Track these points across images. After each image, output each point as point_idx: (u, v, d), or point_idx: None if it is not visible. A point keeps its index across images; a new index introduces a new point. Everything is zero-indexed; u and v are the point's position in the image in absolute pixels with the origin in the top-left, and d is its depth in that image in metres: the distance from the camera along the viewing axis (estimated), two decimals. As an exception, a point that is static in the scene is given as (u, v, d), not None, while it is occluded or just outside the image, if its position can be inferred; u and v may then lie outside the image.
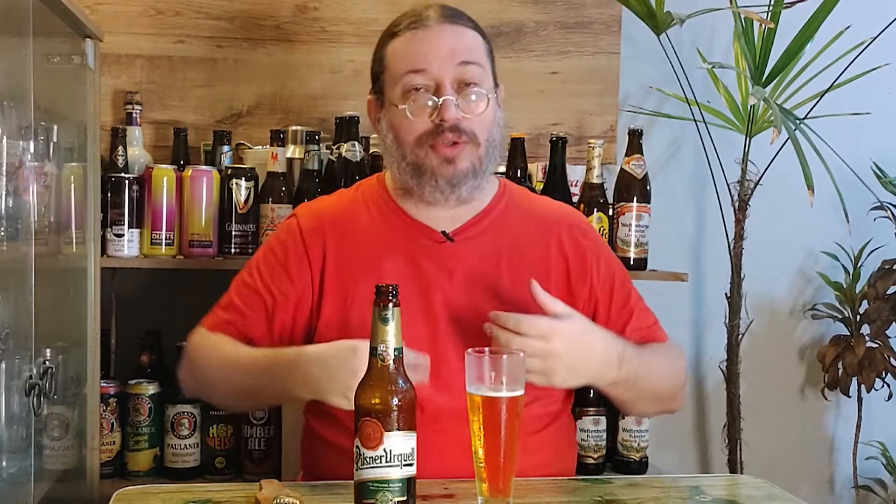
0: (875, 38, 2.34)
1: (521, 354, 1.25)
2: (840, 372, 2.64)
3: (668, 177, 2.65)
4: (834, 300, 2.74)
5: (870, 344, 2.64)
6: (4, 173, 1.47)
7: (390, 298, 1.15)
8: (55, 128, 1.77)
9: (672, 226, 2.63)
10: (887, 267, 2.63)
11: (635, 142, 2.24)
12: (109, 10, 2.31)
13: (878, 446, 2.71)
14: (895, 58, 2.49)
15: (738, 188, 2.43)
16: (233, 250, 2.11)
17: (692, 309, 2.72)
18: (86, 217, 1.94)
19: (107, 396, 2.08)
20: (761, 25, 2.32)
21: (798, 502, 1.39)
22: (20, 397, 1.49)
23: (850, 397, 2.67)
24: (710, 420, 2.73)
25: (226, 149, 2.23)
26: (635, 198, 2.22)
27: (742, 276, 2.46)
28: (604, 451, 2.25)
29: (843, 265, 2.71)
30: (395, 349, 1.15)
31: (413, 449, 1.15)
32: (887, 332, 2.64)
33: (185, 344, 1.60)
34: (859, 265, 2.68)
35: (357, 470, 1.15)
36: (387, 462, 1.13)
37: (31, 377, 1.48)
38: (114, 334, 2.24)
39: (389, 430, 1.13)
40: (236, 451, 2.16)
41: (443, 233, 1.52)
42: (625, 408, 1.64)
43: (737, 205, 2.44)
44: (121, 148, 2.08)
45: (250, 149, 2.26)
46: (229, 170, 2.13)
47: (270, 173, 2.11)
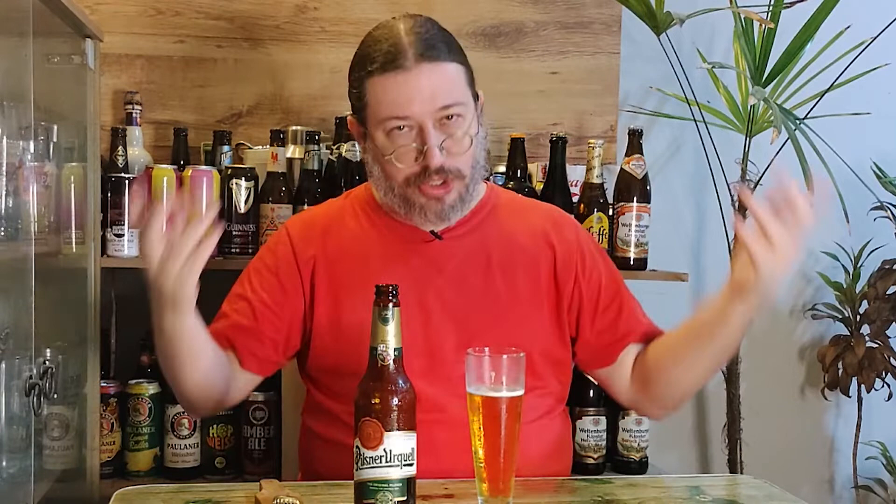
0: (875, 38, 2.34)
1: (522, 354, 1.25)
2: (840, 372, 2.64)
3: (668, 177, 2.65)
4: (834, 300, 2.74)
5: (870, 344, 2.64)
6: (4, 173, 1.47)
7: (390, 298, 1.15)
8: (55, 128, 1.77)
9: (672, 226, 2.63)
10: (887, 267, 2.63)
11: (635, 142, 2.24)
12: (109, 10, 2.31)
13: (878, 446, 2.71)
14: (895, 58, 2.49)
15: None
16: (233, 250, 2.10)
17: (692, 309, 2.71)
18: (86, 217, 1.94)
19: (107, 396, 2.08)
20: (761, 25, 2.32)
21: (798, 502, 1.39)
22: (20, 397, 1.50)
23: (850, 397, 2.67)
24: (710, 420, 2.73)
25: (226, 149, 2.23)
26: (635, 198, 2.22)
27: (742, 276, 2.45)
28: (604, 451, 2.25)
29: (843, 265, 2.71)
30: (395, 349, 1.15)
31: (413, 449, 1.15)
32: (887, 332, 2.64)
33: None
34: (859, 265, 2.68)
35: (357, 470, 1.15)
36: (387, 462, 1.13)
37: (31, 377, 1.48)
38: (114, 334, 2.24)
39: (389, 430, 1.13)
40: (236, 451, 2.16)
41: (431, 232, 1.54)
42: (696, 367, 1.56)
43: (737, 205, 2.44)
44: (121, 148, 2.07)
45: (250, 149, 2.26)
46: (229, 170, 2.12)
47: (270, 173, 2.11)
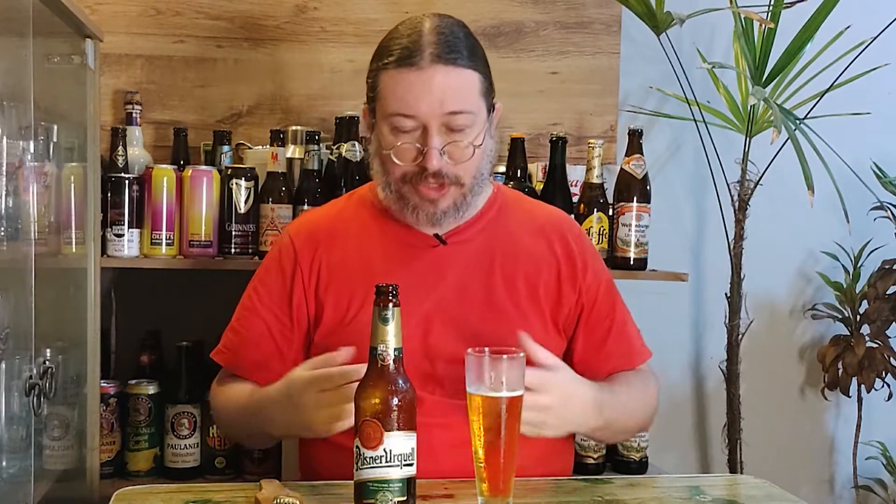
0: (875, 38, 2.34)
1: (522, 354, 1.25)
2: (840, 372, 2.64)
3: (668, 177, 2.65)
4: (834, 300, 2.74)
5: (870, 344, 2.64)
6: (4, 173, 1.47)
7: (390, 298, 1.15)
8: (55, 128, 1.77)
9: (672, 226, 2.63)
10: (887, 267, 2.63)
11: (635, 142, 2.24)
12: (109, 10, 2.31)
13: (878, 446, 2.71)
14: (895, 58, 2.49)
15: (738, 188, 2.43)
16: (233, 250, 2.10)
17: (692, 309, 2.72)
18: (86, 217, 1.94)
19: (107, 396, 2.08)
20: (761, 25, 2.32)
21: (798, 502, 1.39)
22: (20, 397, 1.49)
23: (850, 397, 2.67)
24: (710, 420, 2.73)
25: (226, 149, 2.23)
26: (635, 198, 2.22)
27: (742, 276, 2.46)
28: (604, 451, 2.25)
29: (843, 265, 2.71)
30: (395, 349, 1.16)
31: (413, 449, 1.15)
32: (887, 332, 2.64)
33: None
34: (859, 265, 2.68)
35: (357, 470, 1.15)
36: (387, 462, 1.13)
37: (31, 377, 1.48)
38: (114, 334, 2.24)
39: (389, 430, 1.13)
40: (236, 451, 2.16)
41: (435, 235, 1.54)
42: (598, 440, 1.68)
43: (737, 205, 2.44)
44: (121, 148, 2.07)
45: (250, 149, 2.26)
46: (229, 170, 2.12)
47: (270, 173, 2.11)
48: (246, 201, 2.11)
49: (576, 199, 2.24)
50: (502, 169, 2.21)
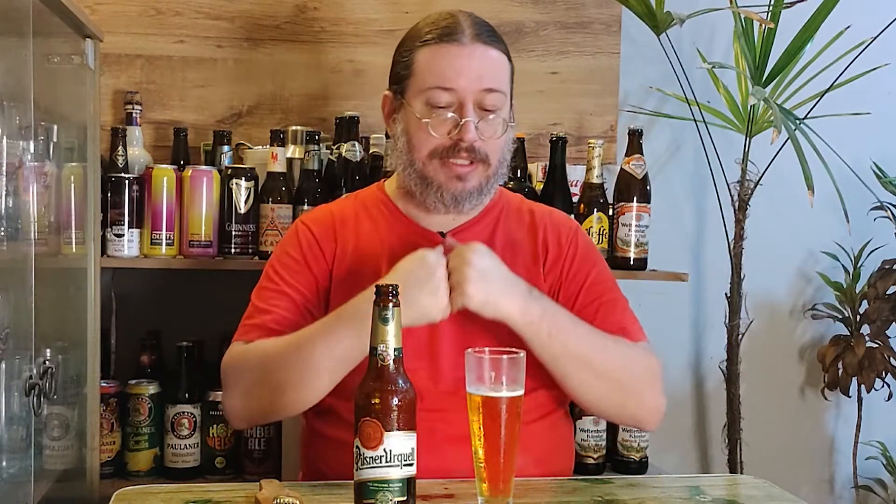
0: (875, 38, 2.34)
1: (522, 354, 1.25)
2: (840, 372, 2.64)
3: (668, 177, 2.65)
4: (834, 300, 2.74)
5: (870, 344, 2.64)
6: (4, 173, 1.47)
7: (390, 298, 1.15)
8: (55, 128, 1.77)
9: (672, 226, 2.63)
10: (887, 267, 2.63)
11: (635, 142, 2.24)
12: (109, 10, 2.31)
13: (878, 446, 2.71)
14: (895, 58, 2.49)
15: (738, 188, 2.43)
16: (233, 250, 2.11)
17: (692, 309, 2.72)
18: (86, 217, 1.94)
19: (107, 396, 2.08)
20: (761, 25, 2.32)
21: (798, 502, 1.39)
22: (20, 397, 1.49)
23: (850, 397, 2.67)
24: (710, 420, 2.73)
25: (226, 149, 2.23)
26: (635, 198, 2.22)
27: (742, 276, 2.46)
28: (604, 451, 2.25)
29: (843, 265, 2.71)
30: (395, 349, 1.15)
31: (413, 449, 1.15)
32: (887, 332, 2.64)
33: (223, 366, 1.50)
34: (859, 265, 2.68)
35: (357, 470, 1.15)
36: (387, 462, 1.13)
37: (31, 377, 1.48)
38: (114, 334, 2.24)
39: (389, 430, 1.13)
40: (236, 451, 2.16)
41: (440, 233, 1.55)
42: (566, 382, 1.47)
43: (737, 205, 2.44)
44: (121, 148, 2.08)
45: (250, 149, 2.26)
46: (229, 170, 2.13)
47: (270, 173, 2.11)
48: (246, 201, 2.11)
49: (576, 199, 2.24)
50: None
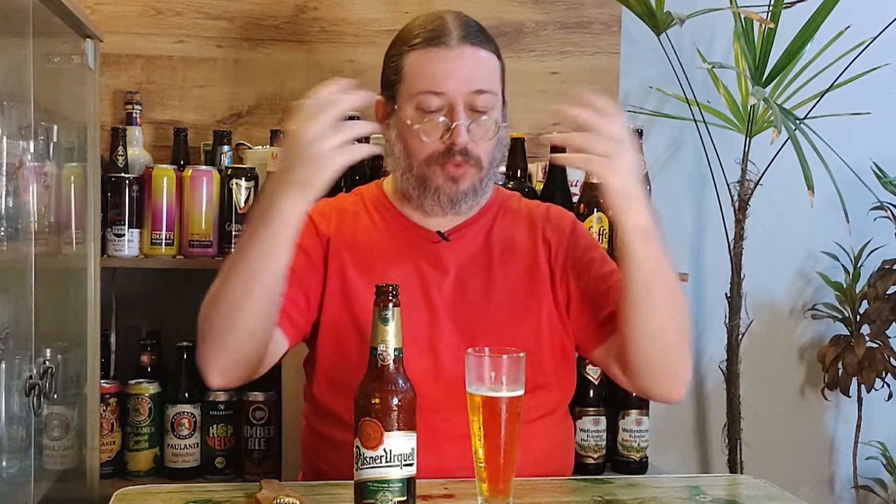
0: (875, 38, 2.34)
1: (522, 354, 1.25)
2: (840, 372, 2.64)
3: (668, 177, 2.65)
4: (834, 300, 2.74)
5: (870, 344, 2.64)
6: (4, 173, 1.47)
7: (390, 298, 1.15)
8: (55, 128, 1.77)
9: (672, 226, 2.63)
10: (887, 267, 2.63)
11: (635, 142, 2.24)
12: (109, 10, 2.31)
13: (878, 446, 2.71)
14: (895, 58, 2.49)
15: (738, 188, 2.43)
16: (233, 250, 2.10)
17: (692, 309, 2.72)
18: (86, 217, 1.94)
19: (107, 396, 2.08)
20: (761, 25, 2.32)
21: (798, 502, 1.39)
22: (20, 397, 1.49)
23: (850, 397, 2.67)
24: (710, 420, 2.73)
25: (226, 149, 2.23)
26: (635, 198, 2.22)
27: (742, 276, 2.46)
28: (604, 451, 2.25)
29: (843, 265, 2.71)
30: (395, 349, 1.15)
31: (413, 449, 1.15)
32: (887, 332, 2.64)
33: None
34: (859, 265, 2.68)
35: (357, 470, 1.15)
36: (387, 462, 1.13)
37: (31, 377, 1.48)
38: (114, 334, 2.24)
39: (389, 430, 1.13)
40: (236, 451, 2.16)
41: (438, 233, 1.55)
42: (640, 318, 1.39)
43: (737, 205, 2.44)
44: (121, 148, 2.08)
45: (250, 149, 2.26)
46: (229, 170, 2.13)
47: (270, 173, 2.11)
48: (246, 201, 2.11)
49: (576, 199, 2.24)
50: (502, 169, 2.21)
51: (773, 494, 1.42)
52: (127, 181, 2.06)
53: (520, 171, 2.18)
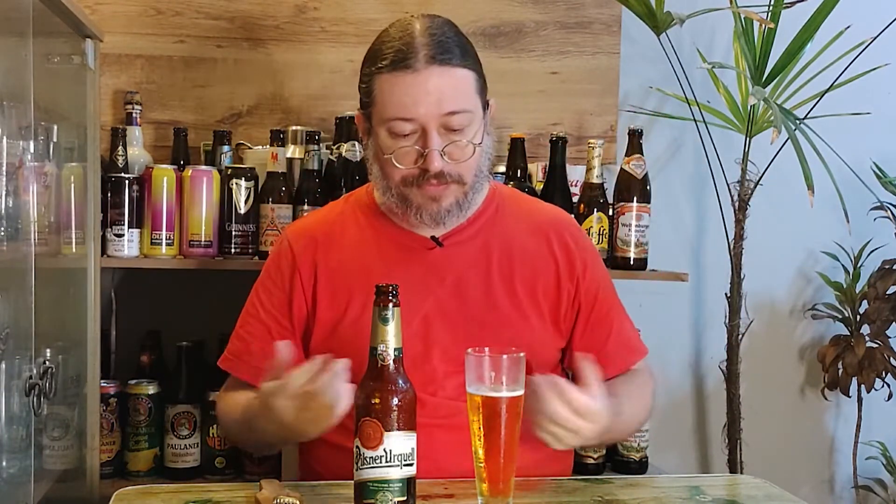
0: (875, 38, 2.34)
1: (522, 354, 1.24)
2: (840, 372, 2.64)
3: (668, 177, 2.65)
4: (834, 300, 2.74)
5: (870, 344, 2.64)
6: (4, 173, 1.47)
7: (390, 298, 1.15)
8: (55, 128, 1.77)
9: (672, 226, 2.63)
10: (887, 267, 2.63)
11: (635, 142, 2.24)
12: (109, 10, 2.31)
13: (878, 446, 2.71)
14: (895, 58, 2.49)
15: (738, 188, 2.43)
16: (233, 250, 2.10)
17: (692, 309, 2.72)
18: (86, 217, 1.94)
19: (107, 396, 2.08)
20: (761, 25, 2.32)
21: (798, 502, 1.39)
22: (20, 397, 1.49)
23: (850, 397, 2.67)
24: (710, 420, 2.73)
25: (226, 149, 2.23)
26: (635, 198, 2.22)
27: (742, 276, 2.46)
28: (604, 451, 2.25)
29: (843, 265, 2.71)
30: (395, 349, 1.16)
31: (413, 449, 1.15)
32: (887, 332, 2.64)
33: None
34: (859, 265, 2.68)
35: (357, 470, 1.15)
36: (387, 462, 1.13)
37: (31, 377, 1.48)
38: (114, 334, 2.24)
39: (389, 430, 1.13)
40: (236, 451, 2.16)
41: (432, 238, 1.53)
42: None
43: (737, 205, 2.44)
44: (121, 148, 2.07)
45: (250, 149, 2.26)
46: (229, 170, 2.12)
47: (270, 173, 2.11)
48: (246, 201, 2.11)
49: (576, 199, 2.24)
50: (502, 169, 2.21)
51: (773, 494, 1.42)
52: (127, 181, 2.05)
53: (520, 171, 2.18)
